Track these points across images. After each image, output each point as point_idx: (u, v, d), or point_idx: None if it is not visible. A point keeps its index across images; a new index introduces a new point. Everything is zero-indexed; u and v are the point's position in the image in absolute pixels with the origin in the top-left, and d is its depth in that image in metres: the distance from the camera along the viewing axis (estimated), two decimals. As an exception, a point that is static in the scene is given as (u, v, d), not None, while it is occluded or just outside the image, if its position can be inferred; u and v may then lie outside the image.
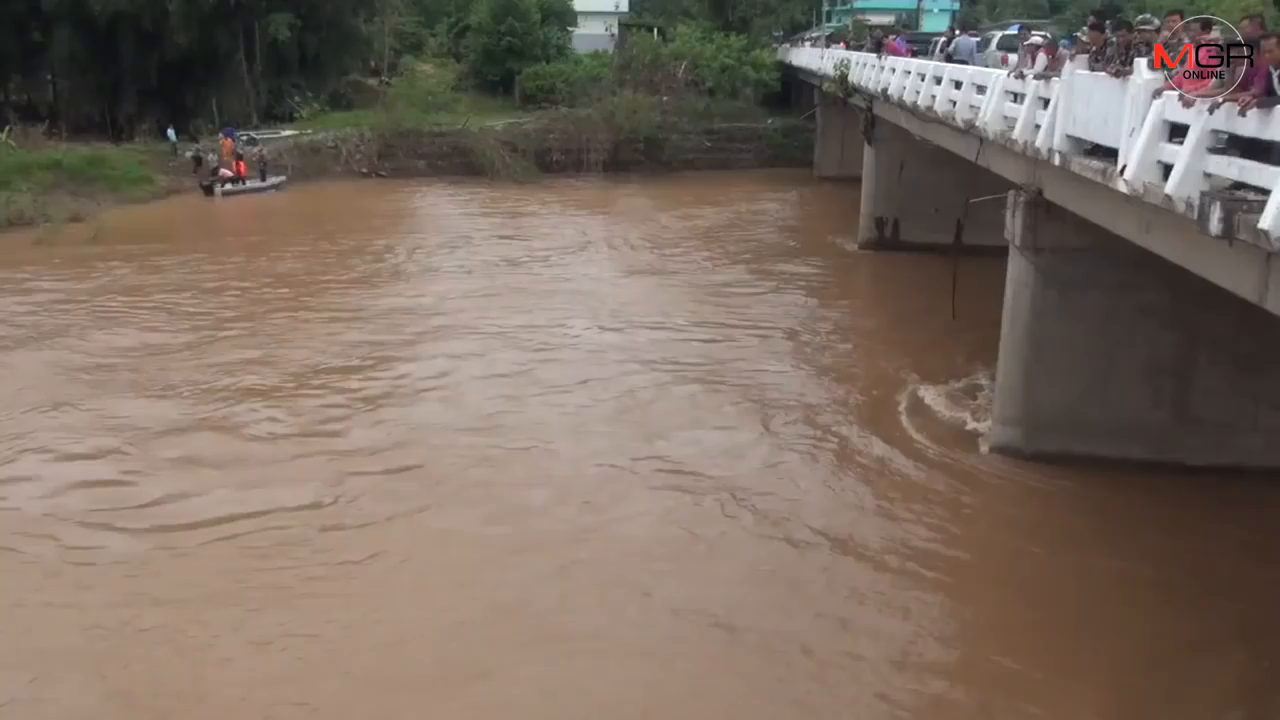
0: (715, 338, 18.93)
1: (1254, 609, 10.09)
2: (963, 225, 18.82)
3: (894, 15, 54.02)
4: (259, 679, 8.93)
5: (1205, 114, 8.45)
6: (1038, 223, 13.06)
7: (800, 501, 12.42)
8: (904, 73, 21.70)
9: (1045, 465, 12.97)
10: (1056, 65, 12.41)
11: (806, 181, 37.57)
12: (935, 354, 17.40)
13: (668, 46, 45.49)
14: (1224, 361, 12.74)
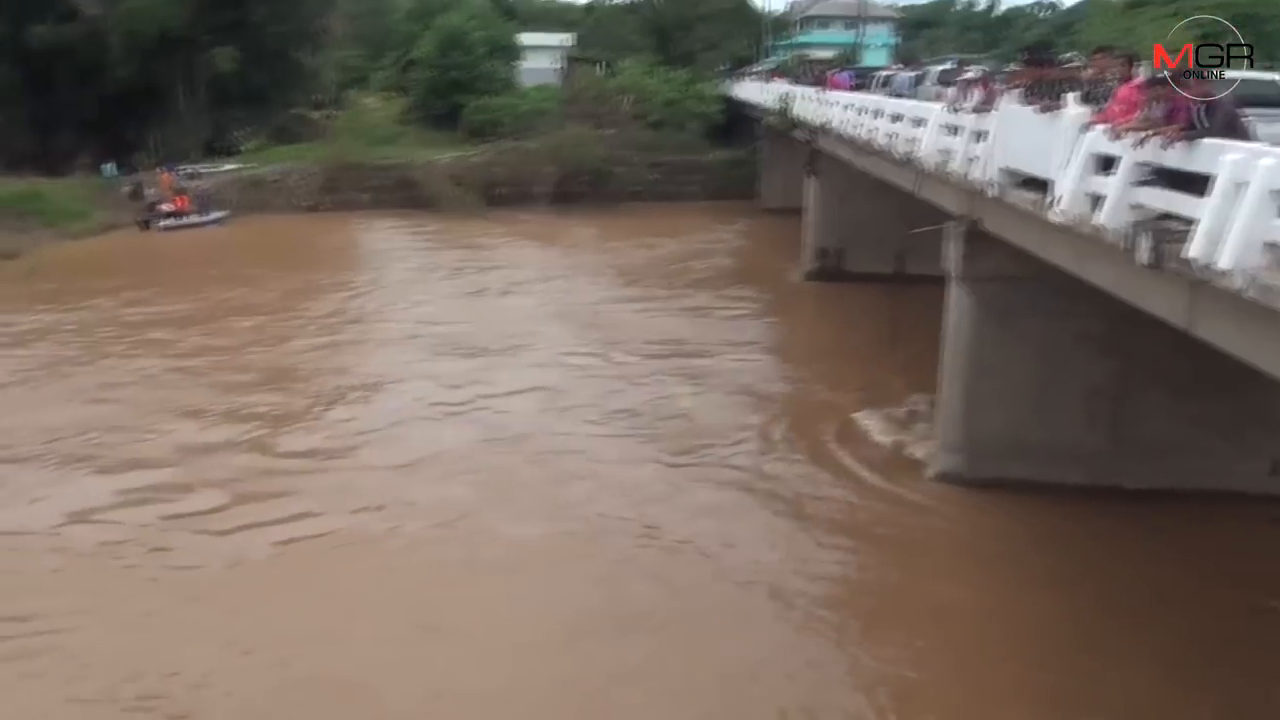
0: (657, 370, 18.94)
1: (1188, 627, 10.28)
2: (904, 256, 19.14)
3: (835, 50, 54.97)
4: None
5: (1133, 147, 8.71)
6: (976, 253, 13.30)
7: (740, 535, 12.41)
8: (844, 107, 22.09)
9: (988, 491, 13.13)
10: (991, 99, 12.72)
11: (751, 213, 37.96)
12: (880, 382, 17.59)
13: (613, 80, 45.86)
14: (1158, 386, 13.02)
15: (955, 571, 11.76)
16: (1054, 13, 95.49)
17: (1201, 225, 7.48)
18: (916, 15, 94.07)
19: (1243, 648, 9.98)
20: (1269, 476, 13.02)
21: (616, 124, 41.99)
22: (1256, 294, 7.01)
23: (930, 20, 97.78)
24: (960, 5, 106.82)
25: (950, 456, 13.83)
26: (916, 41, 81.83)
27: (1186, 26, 45.67)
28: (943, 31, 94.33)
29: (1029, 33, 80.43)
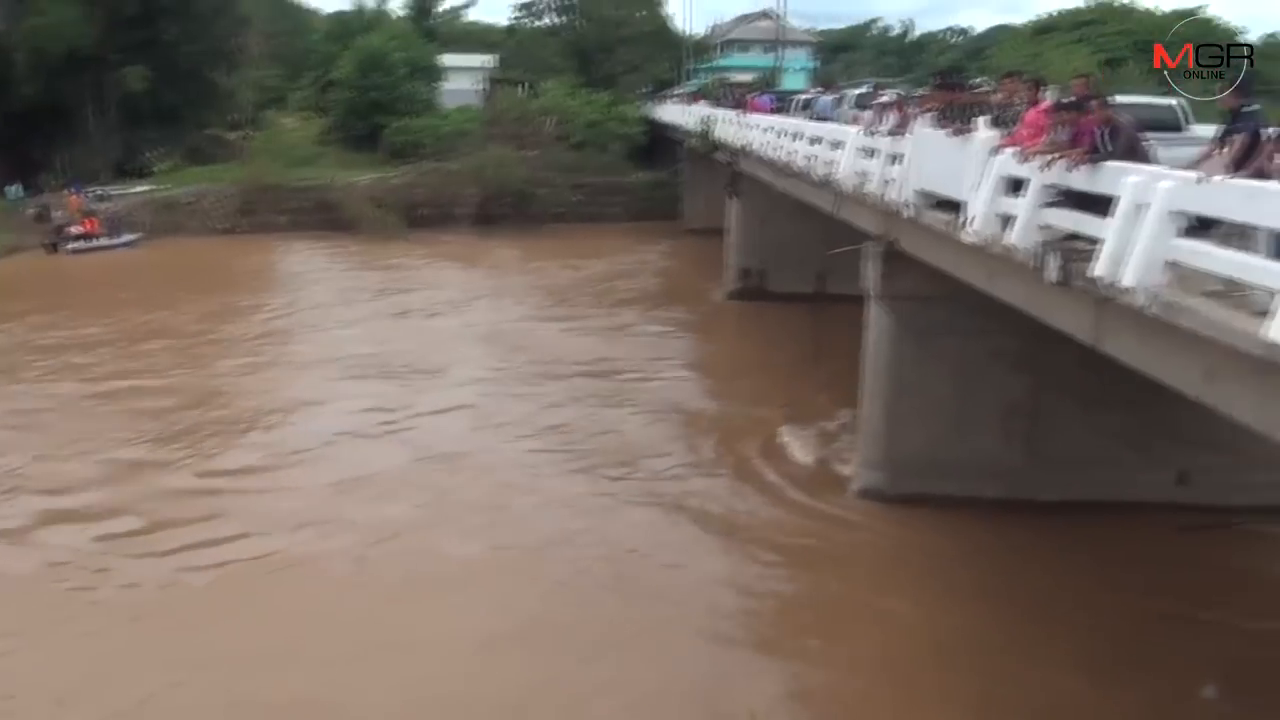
0: (584, 390, 18.98)
1: (1103, 633, 10.56)
2: (824, 276, 19.42)
3: (755, 73, 55.71)
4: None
5: (1040, 170, 8.99)
6: (893, 272, 13.57)
7: (667, 551, 12.49)
8: (764, 129, 22.40)
9: (909, 506, 13.34)
10: (906, 123, 13.02)
11: (674, 234, 38.24)
12: (804, 400, 17.80)
13: (536, 101, 45.87)
14: (1070, 401, 13.39)
15: (878, 584, 11.91)
16: (965, 38, 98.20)
17: (1106, 245, 7.75)
18: (834, 40, 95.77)
19: (1154, 651, 10.27)
20: (1175, 486, 13.44)
21: (539, 145, 42.02)
22: (1158, 310, 7.27)
23: (847, 44, 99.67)
24: (876, 30, 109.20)
25: (872, 473, 14.03)
26: (834, 65, 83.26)
27: (1091, 52, 47.57)
28: (859, 55, 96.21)
29: (942, 58, 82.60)
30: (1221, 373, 7.05)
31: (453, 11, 60.79)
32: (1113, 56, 46.31)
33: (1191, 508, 13.08)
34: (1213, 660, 10.11)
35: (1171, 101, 14.83)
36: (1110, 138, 8.72)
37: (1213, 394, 7.28)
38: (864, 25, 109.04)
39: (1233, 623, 10.89)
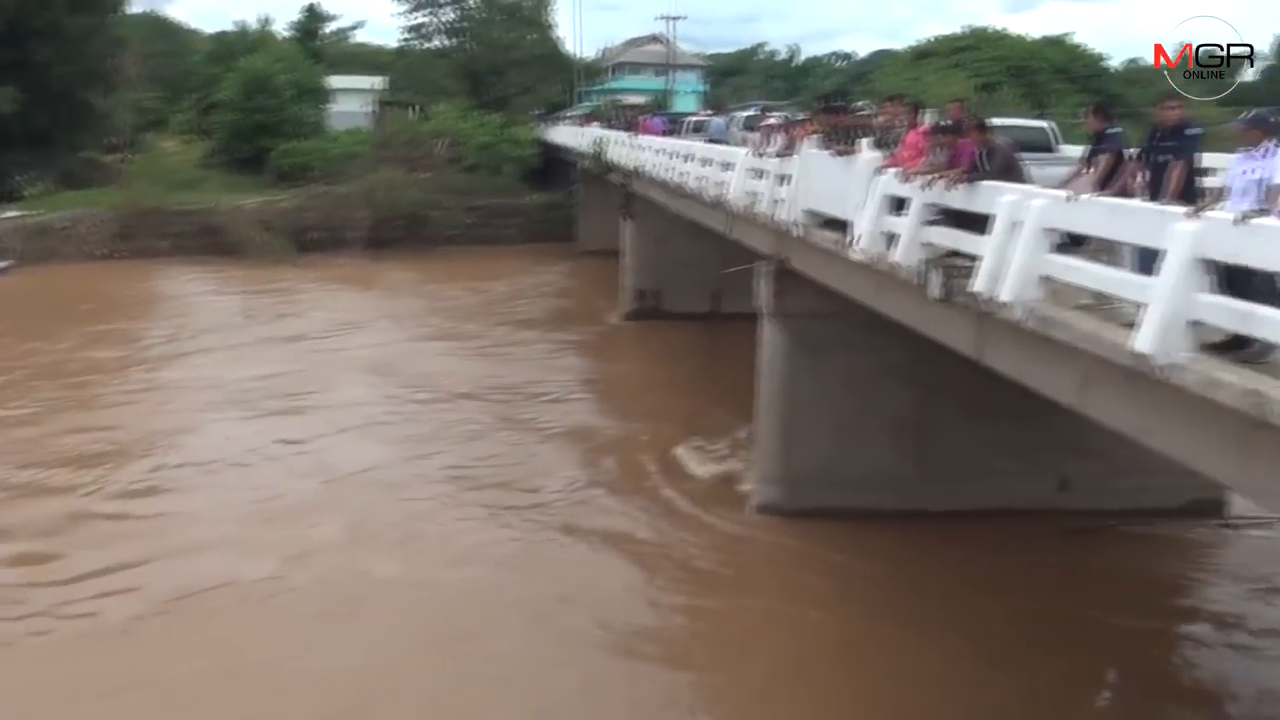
0: (481, 412, 18.82)
1: (988, 635, 10.88)
2: (719, 295, 19.68)
3: (647, 96, 56.36)
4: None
5: (921, 189, 9.30)
6: (785, 290, 13.83)
7: (566, 572, 12.42)
8: (657, 151, 22.64)
9: (806, 520, 13.54)
10: (793, 144, 13.33)
11: (570, 255, 38.27)
12: (702, 418, 17.95)
13: (427, 124, 45.49)
14: (957, 413, 13.78)
15: (777, 598, 12.04)
16: (849, 63, 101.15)
17: (984, 261, 8.05)
18: (723, 63, 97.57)
19: (1036, 648, 10.63)
20: (1057, 493, 13.98)
21: (431, 168, 41.68)
22: (1035, 324, 7.57)
23: (736, 68, 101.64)
24: (763, 55, 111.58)
25: (769, 488, 14.22)
26: (724, 88, 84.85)
27: (968, 77, 49.41)
28: (748, 79, 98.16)
29: (827, 81, 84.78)
30: (1094, 382, 7.37)
31: (340, 33, 60.00)
32: (988, 81, 48.32)
33: (1072, 513, 13.62)
34: (1091, 655, 10.54)
35: (1043, 124, 15.57)
36: (988, 158, 9.09)
37: (1087, 403, 7.59)
38: (751, 50, 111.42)
39: (1109, 620, 11.38)
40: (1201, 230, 5.97)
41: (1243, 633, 11.48)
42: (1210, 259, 5.96)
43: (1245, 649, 11.17)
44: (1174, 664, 10.96)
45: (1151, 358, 6.14)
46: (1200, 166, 7.51)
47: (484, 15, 54.19)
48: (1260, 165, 6.31)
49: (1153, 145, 7.46)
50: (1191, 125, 7.39)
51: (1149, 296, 6.25)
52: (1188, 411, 6.25)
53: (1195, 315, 6.03)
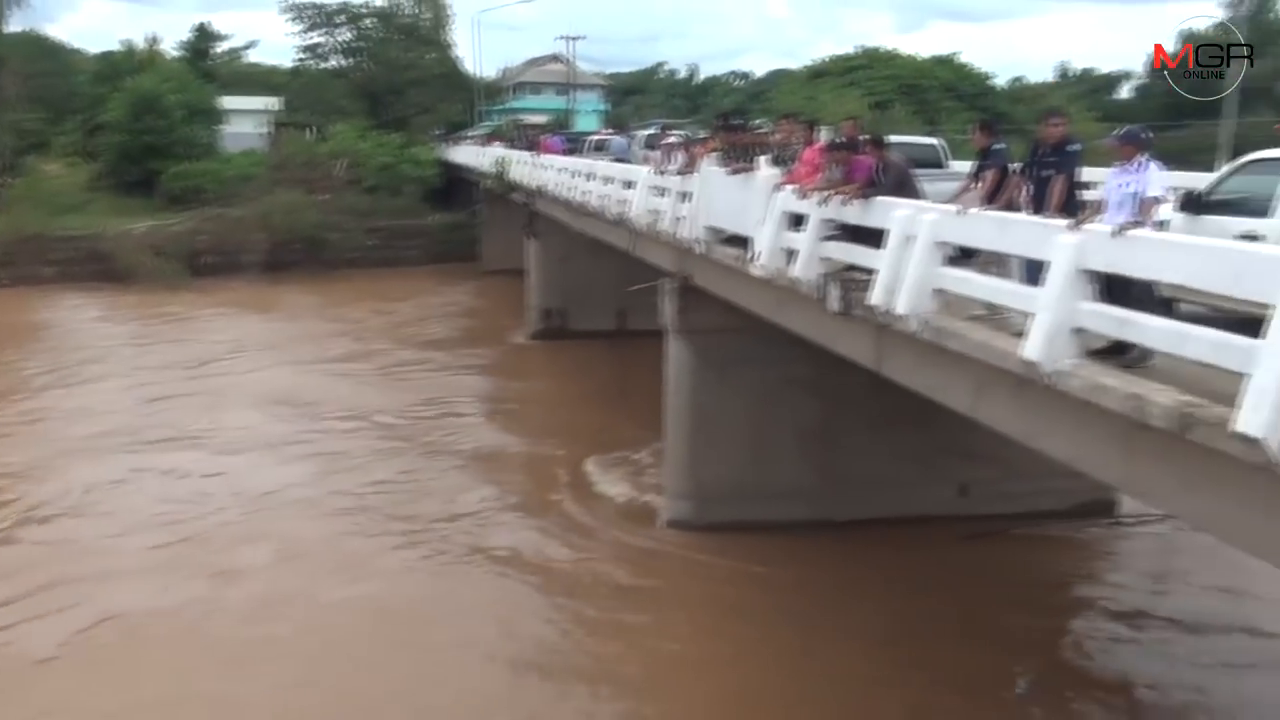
0: (386, 435, 18.55)
1: (890, 640, 11.14)
2: (625, 312, 19.72)
3: (548, 115, 56.38)
4: None
5: (818, 205, 9.49)
6: (689, 307, 13.95)
7: (475, 603, 12.25)
8: (559, 170, 22.66)
9: (716, 534, 13.64)
10: (693, 162, 13.47)
11: (474, 276, 37.98)
12: (611, 436, 17.94)
13: (325, 145, 44.74)
14: (860, 423, 14.05)
15: (688, 613, 12.12)
16: (748, 82, 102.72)
17: (880, 275, 8.25)
18: (624, 82, 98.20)
19: (937, 648, 10.94)
20: (957, 499, 14.35)
21: (330, 189, 40.99)
22: (930, 335, 7.79)
23: (637, 87, 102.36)
24: (663, 74, 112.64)
25: (679, 503, 14.29)
26: (625, 107, 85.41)
27: (862, 95, 50.62)
28: (649, 98, 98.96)
29: (726, 100, 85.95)
30: (988, 390, 7.60)
31: (232, 53, 58.63)
32: (881, 99, 49.60)
33: (971, 518, 14.00)
34: (997, 651, 10.90)
35: (933, 141, 16.03)
36: (883, 173, 9.34)
37: (981, 410, 7.83)
38: (652, 69, 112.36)
39: (1011, 618, 11.78)
40: (1082, 242, 6.23)
41: (1134, 624, 11.95)
42: (1091, 269, 6.21)
43: (1135, 641, 11.63)
44: (1071, 656, 11.31)
45: (1039, 365, 6.37)
46: (1080, 180, 7.82)
47: (381, 35, 53.54)
48: (1134, 179, 6.61)
49: (1035, 160, 7.74)
50: (1072, 141, 7.69)
51: (1035, 306, 6.49)
52: (1075, 416, 6.49)
53: (1079, 323, 6.27)
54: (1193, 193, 7.90)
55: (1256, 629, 11.75)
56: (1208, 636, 11.65)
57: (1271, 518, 5.25)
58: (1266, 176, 7.36)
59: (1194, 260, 5.69)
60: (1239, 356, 5.07)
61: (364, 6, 52.78)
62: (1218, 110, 27.23)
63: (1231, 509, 5.56)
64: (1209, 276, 5.56)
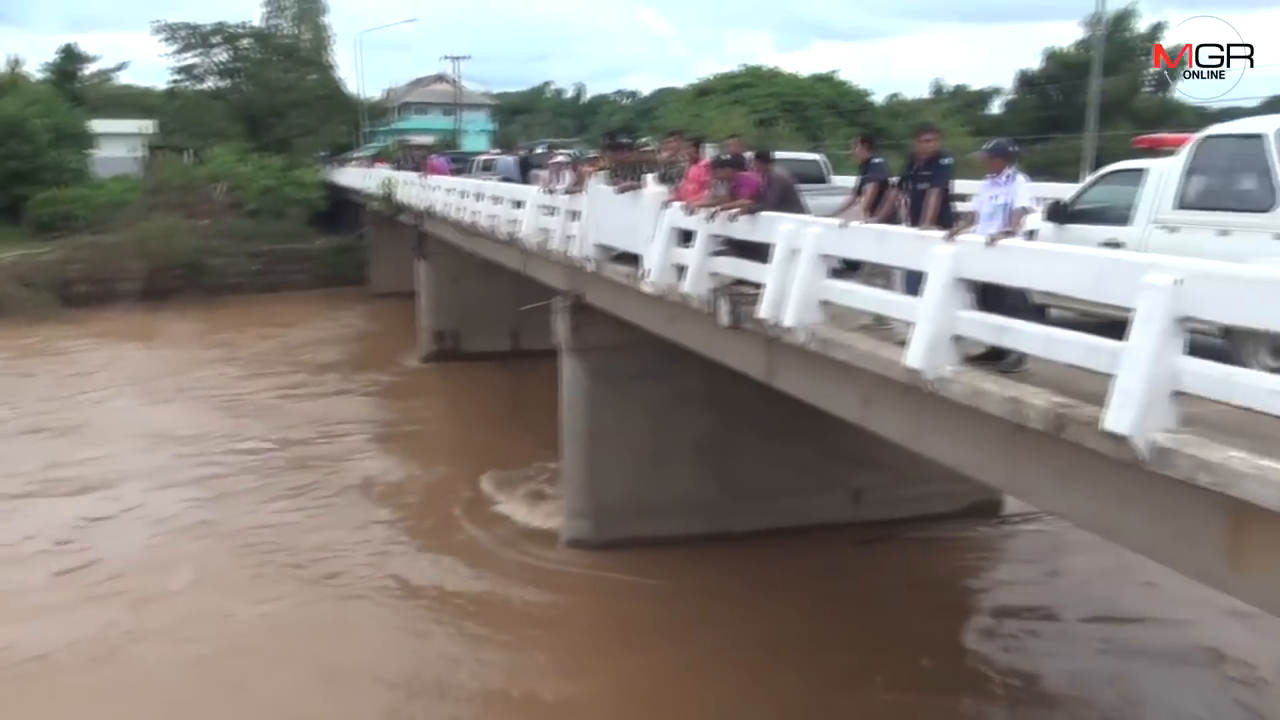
0: (272, 468, 18.03)
1: (789, 647, 11.31)
2: (518, 332, 19.62)
3: (434, 136, 55.84)
4: None
5: (706, 221, 9.61)
6: (582, 324, 13.96)
7: (371, 630, 12.02)
8: (448, 190, 22.46)
9: (616, 552, 13.64)
10: (582, 181, 13.51)
11: (363, 299, 37.32)
12: (509, 458, 17.76)
13: (203, 168, 43.49)
14: (754, 435, 14.24)
15: (590, 632, 12.09)
16: (635, 100, 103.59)
17: (767, 288, 8.39)
18: (511, 102, 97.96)
19: (832, 654, 11.19)
20: (851, 506, 14.65)
21: (210, 214, 39.87)
22: (817, 346, 7.95)
23: (524, 107, 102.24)
24: (550, 93, 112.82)
25: (578, 522, 14.25)
26: (513, 126, 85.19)
27: (746, 112, 51.48)
28: (537, 117, 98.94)
29: (614, 118, 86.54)
30: (875, 399, 7.79)
31: (102, 74, 56.41)
32: (765, 116, 50.56)
33: (865, 524, 14.32)
34: (895, 650, 11.16)
35: (816, 156, 16.39)
36: (768, 188, 9.52)
37: (870, 418, 8.01)
38: (539, 88, 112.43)
39: (907, 619, 12.08)
40: (957, 252, 6.45)
41: (1022, 618, 12.41)
42: (967, 278, 6.44)
43: (1023, 633, 12.06)
44: (964, 652, 11.65)
45: (922, 373, 6.56)
46: (955, 193, 8.10)
47: (259, 56, 52.28)
48: (1004, 191, 6.88)
49: (911, 174, 7.98)
50: (945, 155, 7.97)
51: (916, 316, 6.69)
52: (958, 420, 6.70)
53: (957, 331, 6.49)
54: (1058, 203, 8.25)
55: (1138, 617, 12.27)
56: (1092, 625, 12.16)
57: (1141, 512, 5.50)
58: (1125, 186, 7.73)
59: (1061, 268, 5.96)
60: (1106, 358, 5.31)
61: (241, 27, 51.51)
62: (1081, 123, 28.56)
63: (1104, 504, 5.80)
64: (1075, 283, 5.83)
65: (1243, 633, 11.16)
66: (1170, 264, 5.14)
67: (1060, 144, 41.02)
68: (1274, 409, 4.55)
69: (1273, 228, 6.49)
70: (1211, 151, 7.14)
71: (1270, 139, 6.64)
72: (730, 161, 9.93)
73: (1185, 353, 5.00)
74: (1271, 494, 4.44)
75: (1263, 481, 4.48)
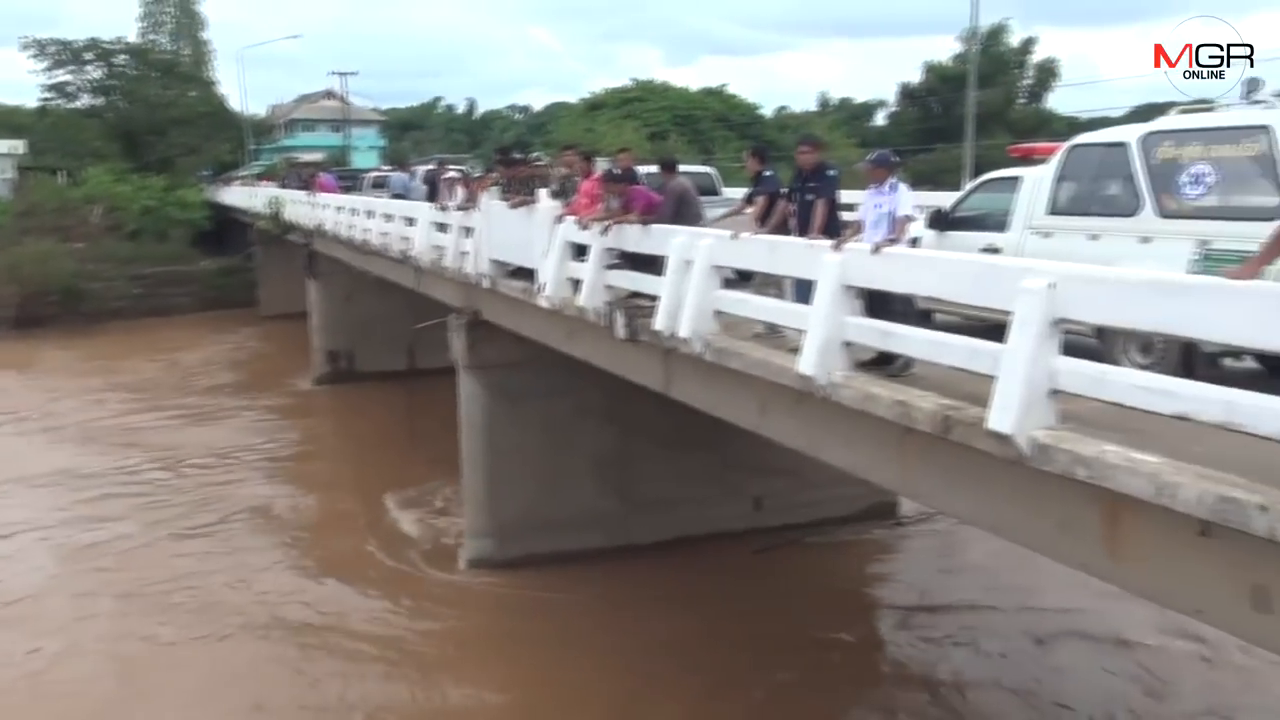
0: (161, 497, 17.34)
1: (689, 658, 11.36)
2: (414, 351, 19.37)
3: (323, 153, 54.83)
4: None
5: (599, 235, 9.64)
6: (479, 341, 13.84)
7: (266, 661, 11.66)
8: (337, 208, 22.06)
9: (518, 569, 13.53)
10: (475, 197, 13.42)
11: (253, 321, 36.31)
12: (408, 478, 17.46)
13: (79, 189, 41.83)
14: (653, 446, 14.30)
15: (483, 653, 11.89)
16: (527, 115, 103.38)
17: (662, 300, 8.45)
18: (401, 118, 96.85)
19: (730, 663, 11.26)
20: (752, 513, 14.83)
21: (87, 236, 38.38)
22: (712, 356, 8.03)
23: (415, 123, 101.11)
24: (442, 108, 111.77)
25: (480, 541, 14.10)
26: (405, 142, 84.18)
27: (638, 126, 51.88)
28: (430, 133, 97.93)
29: (507, 133, 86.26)
30: (771, 406, 7.90)
31: (-35, 93, 53.92)
32: (657, 130, 51.07)
33: (766, 530, 14.51)
34: (797, 656, 11.34)
35: (708, 170, 16.61)
36: (668, 197, 9.64)
37: (767, 426, 8.12)
38: (431, 103, 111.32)
39: (809, 624, 12.27)
40: (844, 261, 6.60)
41: (918, 615, 12.70)
42: (854, 286, 6.59)
43: (918, 628, 12.33)
44: (858, 649, 11.89)
45: (814, 379, 6.68)
46: (841, 202, 8.28)
47: (136, 72, 50.51)
48: (887, 200, 7.07)
49: (799, 186, 8.14)
50: (830, 166, 8.15)
51: (807, 323, 6.81)
52: (850, 425, 6.84)
53: (847, 337, 6.63)
54: (939, 211, 8.52)
55: (1031, 607, 12.67)
56: (984, 617, 12.52)
57: (1025, 507, 5.69)
58: (1002, 194, 8.05)
59: (942, 273, 6.15)
60: (988, 361, 5.49)
61: (116, 42, 49.66)
62: (961, 134, 29.57)
63: (991, 501, 5.99)
64: (956, 288, 6.02)
65: (1122, 612, 11.55)
66: (1044, 268, 5.34)
67: (942, 154, 42.42)
68: (1142, 404, 4.76)
69: (1139, 231, 6.82)
70: (1079, 159, 7.47)
71: (1133, 147, 6.98)
72: (622, 176, 9.98)
73: (1061, 353, 5.20)
74: (1144, 485, 4.64)
75: (1135, 473, 4.68)
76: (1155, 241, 6.68)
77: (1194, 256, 6.35)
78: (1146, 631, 11.47)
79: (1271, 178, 6.13)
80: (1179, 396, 4.58)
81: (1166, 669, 11.06)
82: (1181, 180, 6.67)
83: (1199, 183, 6.60)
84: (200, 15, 60.12)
